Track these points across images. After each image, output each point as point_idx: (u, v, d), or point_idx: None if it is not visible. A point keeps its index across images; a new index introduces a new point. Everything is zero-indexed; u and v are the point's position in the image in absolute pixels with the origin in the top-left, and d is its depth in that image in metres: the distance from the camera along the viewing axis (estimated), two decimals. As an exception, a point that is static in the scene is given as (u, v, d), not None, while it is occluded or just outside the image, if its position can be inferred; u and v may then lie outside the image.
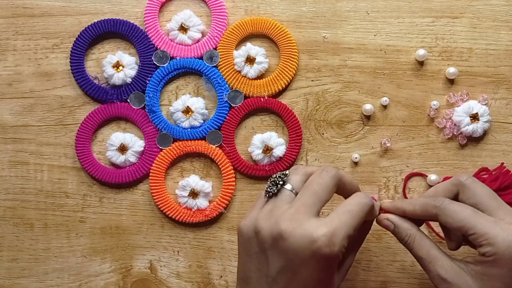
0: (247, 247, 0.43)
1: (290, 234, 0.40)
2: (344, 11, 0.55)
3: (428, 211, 0.44)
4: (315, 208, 0.41)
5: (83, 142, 0.56)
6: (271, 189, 0.44)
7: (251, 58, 0.55)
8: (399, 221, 0.45)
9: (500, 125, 0.55)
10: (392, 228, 0.45)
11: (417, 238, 0.44)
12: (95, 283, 0.57)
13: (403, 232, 0.45)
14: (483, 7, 0.55)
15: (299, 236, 0.40)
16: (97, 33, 0.56)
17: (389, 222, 0.46)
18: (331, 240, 0.39)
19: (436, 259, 0.43)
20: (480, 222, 0.41)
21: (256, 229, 0.42)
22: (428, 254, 0.44)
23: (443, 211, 0.43)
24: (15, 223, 0.57)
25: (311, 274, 0.40)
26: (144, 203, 0.57)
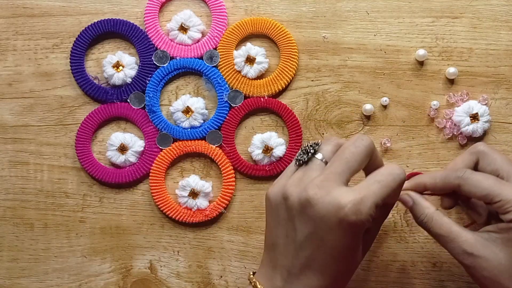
0: (276, 213, 0.43)
1: (317, 201, 0.40)
2: (344, 11, 0.55)
3: (450, 182, 0.44)
4: (344, 176, 0.41)
5: (83, 142, 0.56)
6: (301, 157, 0.43)
7: (251, 58, 0.55)
8: (419, 198, 0.45)
9: (500, 125, 0.55)
10: (411, 204, 0.45)
11: (435, 217, 0.44)
12: (95, 283, 0.57)
13: (420, 210, 0.45)
14: (483, 7, 0.55)
15: (327, 203, 0.39)
16: (97, 33, 0.56)
17: (409, 198, 0.45)
18: (358, 208, 0.39)
19: (459, 235, 0.43)
20: (505, 189, 0.41)
21: (284, 195, 0.42)
22: (450, 231, 0.43)
23: (466, 180, 0.43)
24: (15, 223, 0.57)
25: (338, 241, 0.40)
26: (144, 203, 0.57)
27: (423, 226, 0.45)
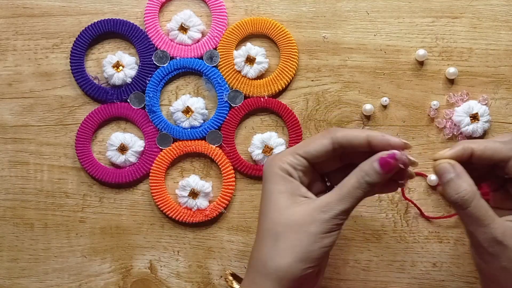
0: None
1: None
2: (344, 11, 0.55)
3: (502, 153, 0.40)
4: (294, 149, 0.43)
5: (83, 142, 0.56)
6: None
7: (251, 58, 0.55)
8: (463, 172, 0.40)
9: (500, 125, 0.55)
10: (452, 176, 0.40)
11: (478, 196, 0.40)
12: (95, 283, 0.57)
13: (463, 185, 0.39)
14: (483, 7, 0.55)
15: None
16: (97, 33, 0.56)
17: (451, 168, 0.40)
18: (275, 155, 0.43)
19: (494, 221, 0.39)
20: None
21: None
22: (487, 214, 0.39)
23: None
24: (15, 223, 0.57)
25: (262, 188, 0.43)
26: (144, 203, 0.57)
27: (458, 203, 0.40)
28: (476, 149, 0.40)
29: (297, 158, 0.42)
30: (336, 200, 0.40)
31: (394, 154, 0.39)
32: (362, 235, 0.55)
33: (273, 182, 0.42)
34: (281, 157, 0.42)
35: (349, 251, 0.55)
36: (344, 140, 0.41)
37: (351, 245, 0.55)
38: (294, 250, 0.40)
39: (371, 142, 0.41)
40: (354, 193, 0.40)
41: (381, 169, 0.40)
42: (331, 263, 0.55)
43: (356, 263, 0.55)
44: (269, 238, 0.41)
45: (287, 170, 0.41)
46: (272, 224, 0.41)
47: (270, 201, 0.41)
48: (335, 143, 0.41)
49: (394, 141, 0.40)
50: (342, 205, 0.40)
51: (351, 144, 0.41)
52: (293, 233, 0.40)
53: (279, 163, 0.42)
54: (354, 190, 0.40)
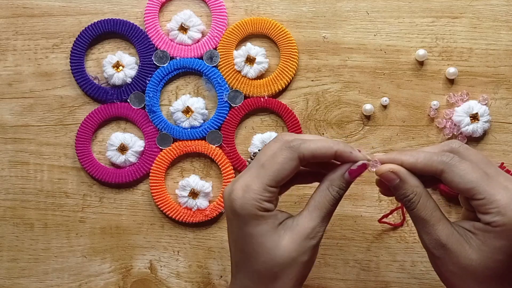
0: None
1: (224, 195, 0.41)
2: (344, 11, 0.55)
3: (433, 166, 0.38)
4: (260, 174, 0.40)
5: (83, 142, 0.56)
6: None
7: (251, 58, 0.55)
8: (407, 175, 0.39)
9: (500, 125, 0.55)
10: (395, 182, 0.40)
11: (424, 196, 0.39)
12: (95, 283, 0.57)
13: (409, 188, 0.39)
14: (483, 7, 0.55)
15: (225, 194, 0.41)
16: (97, 33, 0.56)
17: (394, 176, 0.39)
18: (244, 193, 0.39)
19: (438, 222, 0.39)
20: (492, 187, 0.37)
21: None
22: (432, 215, 0.39)
23: (452, 168, 0.38)
24: (15, 223, 0.57)
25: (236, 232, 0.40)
26: (144, 203, 0.57)
27: (408, 206, 0.40)
28: (406, 163, 0.40)
29: (269, 191, 0.39)
30: (319, 223, 0.40)
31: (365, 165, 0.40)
32: (362, 235, 0.55)
33: (253, 225, 0.39)
34: (253, 195, 0.39)
35: (349, 251, 0.55)
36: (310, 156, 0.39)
37: (351, 245, 0.55)
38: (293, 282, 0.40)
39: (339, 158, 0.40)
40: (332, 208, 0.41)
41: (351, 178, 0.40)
42: (330, 263, 0.55)
43: (356, 263, 0.55)
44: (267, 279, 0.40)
45: (265, 208, 0.39)
46: (267, 267, 0.40)
47: (256, 245, 0.39)
48: (302, 161, 0.39)
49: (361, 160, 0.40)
50: (325, 223, 0.40)
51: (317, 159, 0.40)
52: (290, 268, 0.40)
53: (255, 202, 0.39)
54: (332, 206, 0.40)
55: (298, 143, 0.39)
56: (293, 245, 0.39)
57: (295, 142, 0.39)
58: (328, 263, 0.56)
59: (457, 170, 0.38)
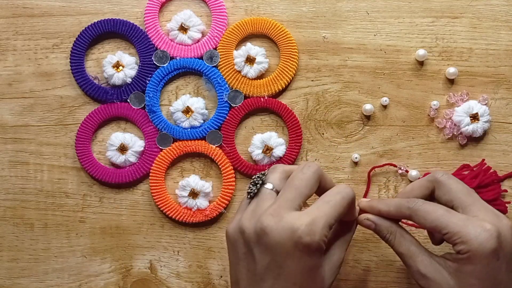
0: (235, 249, 0.43)
1: (272, 228, 0.40)
2: (344, 11, 0.55)
3: (402, 212, 0.45)
4: (297, 202, 0.42)
5: (83, 142, 0.56)
6: (251, 190, 0.44)
7: (251, 58, 0.55)
8: (379, 221, 0.46)
9: (500, 125, 0.55)
10: (373, 227, 0.46)
11: (398, 235, 0.45)
12: (95, 283, 0.57)
13: (384, 230, 0.46)
14: (483, 7, 0.55)
15: (281, 229, 0.40)
16: (97, 33, 0.56)
17: (370, 222, 0.46)
18: (311, 229, 0.40)
19: (415, 255, 0.44)
20: (452, 221, 0.42)
21: (241, 230, 0.42)
22: (408, 250, 0.44)
23: (416, 212, 0.43)
24: (15, 223, 0.57)
25: (296, 266, 0.40)
26: (144, 203, 0.57)
27: (388, 243, 0.46)
28: (382, 211, 0.46)
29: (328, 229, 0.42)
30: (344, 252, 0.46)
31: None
32: (362, 235, 0.55)
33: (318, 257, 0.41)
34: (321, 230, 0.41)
35: (349, 251, 0.55)
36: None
37: (351, 245, 0.55)
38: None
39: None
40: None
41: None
42: (331, 263, 0.55)
43: (356, 263, 0.55)
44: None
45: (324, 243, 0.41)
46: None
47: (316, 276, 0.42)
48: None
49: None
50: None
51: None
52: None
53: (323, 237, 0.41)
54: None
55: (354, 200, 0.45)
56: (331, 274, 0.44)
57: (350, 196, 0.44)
58: (328, 263, 0.56)
59: (421, 213, 0.43)
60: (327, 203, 0.42)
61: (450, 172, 0.55)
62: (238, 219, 0.43)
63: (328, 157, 0.56)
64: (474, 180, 0.53)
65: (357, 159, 0.55)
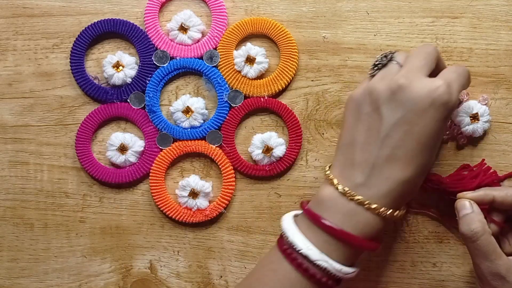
0: (358, 110, 0.44)
1: (409, 84, 0.42)
2: (344, 11, 0.55)
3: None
4: (425, 69, 0.43)
5: (83, 142, 0.56)
6: (381, 61, 0.46)
7: (251, 58, 0.55)
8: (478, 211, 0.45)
9: (500, 125, 0.55)
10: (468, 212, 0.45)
11: (488, 232, 0.44)
12: (95, 283, 0.57)
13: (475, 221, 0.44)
14: (483, 7, 0.55)
15: (419, 85, 0.42)
16: (97, 33, 0.56)
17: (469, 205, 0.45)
18: (450, 88, 0.42)
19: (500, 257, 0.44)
20: None
21: (370, 90, 0.44)
22: (494, 251, 0.44)
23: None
24: (15, 223, 0.57)
25: (428, 124, 0.41)
26: (144, 203, 0.57)
27: (470, 237, 0.44)
28: (497, 197, 0.45)
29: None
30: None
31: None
32: (362, 235, 0.55)
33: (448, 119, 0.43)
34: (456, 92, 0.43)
35: (349, 251, 0.55)
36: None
37: (351, 245, 0.55)
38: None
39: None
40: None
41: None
42: (331, 263, 0.55)
43: (356, 263, 0.55)
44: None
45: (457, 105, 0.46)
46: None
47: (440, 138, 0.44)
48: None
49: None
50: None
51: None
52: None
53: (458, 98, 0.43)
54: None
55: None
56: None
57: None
58: (328, 263, 0.55)
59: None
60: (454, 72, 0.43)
61: (450, 172, 0.54)
62: (365, 85, 0.45)
63: (328, 157, 0.56)
64: (474, 180, 0.53)
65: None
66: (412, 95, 0.41)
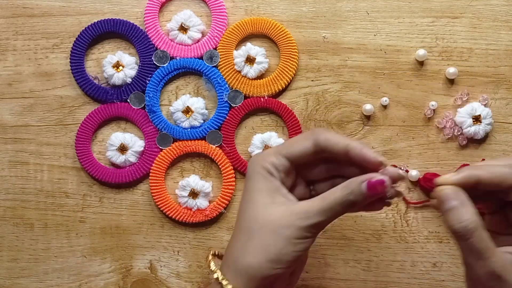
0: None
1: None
2: (344, 11, 0.55)
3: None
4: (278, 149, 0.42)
5: (83, 142, 0.56)
6: None
7: (251, 58, 0.55)
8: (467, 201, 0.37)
9: (500, 125, 0.55)
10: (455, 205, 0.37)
11: (480, 227, 0.37)
12: (95, 283, 0.57)
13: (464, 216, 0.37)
14: (483, 7, 0.55)
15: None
16: (97, 33, 0.56)
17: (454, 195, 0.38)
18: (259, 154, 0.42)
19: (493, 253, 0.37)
20: None
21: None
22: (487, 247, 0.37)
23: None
24: (15, 223, 0.57)
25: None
26: (144, 203, 0.57)
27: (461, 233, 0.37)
28: (482, 177, 0.38)
29: (279, 159, 0.41)
30: (316, 211, 0.39)
31: (383, 181, 0.38)
32: (362, 235, 0.55)
33: (254, 181, 0.41)
34: (264, 156, 0.42)
35: (349, 251, 0.55)
36: (325, 144, 0.40)
37: (351, 245, 0.55)
38: (266, 250, 0.39)
39: (349, 153, 0.40)
40: (335, 208, 0.39)
41: (367, 192, 0.39)
42: (330, 263, 0.55)
43: (356, 263, 0.55)
44: (243, 235, 0.40)
45: (269, 170, 0.41)
46: (248, 221, 0.40)
47: (249, 199, 0.41)
48: (317, 145, 0.41)
49: (369, 158, 0.39)
50: (321, 217, 0.39)
51: (331, 150, 0.40)
52: (267, 233, 0.39)
53: (262, 162, 0.41)
54: (336, 205, 0.39)
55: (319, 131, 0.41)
56: (280, 213, 0.40)
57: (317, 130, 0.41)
58: (328, 263, 0.56)
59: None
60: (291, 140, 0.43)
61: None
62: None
63: (328, 157, 0.56)
64: None
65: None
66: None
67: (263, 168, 0.41)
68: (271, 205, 0.40)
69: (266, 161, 0.41)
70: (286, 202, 0.41)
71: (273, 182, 0.41)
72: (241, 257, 0.40)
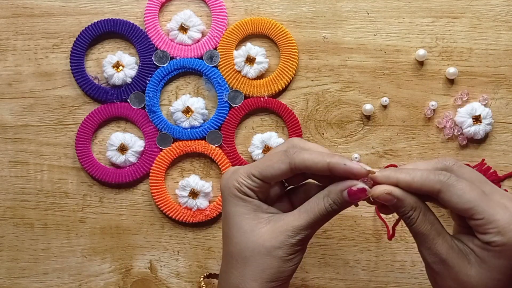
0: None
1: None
2: (344, 11, 0.55)
3: (430, 185, 0.37)
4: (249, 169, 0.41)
5: (83, 142, 0.56)
6: None
7: (251, 58, 0.55)
8: (404, 195, 0.38)
9: (500, 125, 0.55)
10: (393, 202, 0.39)
11: (423, 212, 0.39)
12: (95, 283, 0.57)
13: (407, 206, 0.38)
14: (483, 7, 0.55)
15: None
16: (97, 33, 0.56)
17: (391, 197, 0.38)
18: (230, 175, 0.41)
19: (438, 236, 0.38)
20: (490, 206, 0.36)
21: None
22: (431, 230, 0.38)
23: (449, 187, 0.37)
24: (15, 223, 0.57)
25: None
26: (144, 203, 0.57)
27: (408, 221, 0.39)
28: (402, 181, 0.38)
29: (253, 180, 0.40)
30: (304, 226, 0.40)
31: (365, 189, 0.39)
32: (362, 235, 0.55)
33: (232, 204, 0.41)
34: (237, 177, 0.40)
35: (349, 251, 0.55)
36: (303, 166, 0.39)
37: (351, 245, 0.55)
38: (265, 273, 0.40)
39: (333, 171, 0.39)
40: (321, 218, 0.40)
41: (349, 199, 0.39)
42: (331, 263, 0.55)
43: (356, 263, 0.55)
44: (238, 263, 0.40)
45: (245, 192, 0.40)
46: (239, 249, 0.40)
47: (233, 224, 0.41)
48: (294, 168, 0.39)
49: (357, 171, 0.39)
50: (309, 229, 0.40)
51: (310, 170, 0.40)
52: (262, 257, 0.40)
53: (236, 184, 0.40)
54: (321, 216, 0.40)
55: (293, 151, 0.40)
56: (269, 234, 0.40)
57: (292, 149, 0.40)
58: (328, 263, 0.56)
59: (455, 189, 0.37)
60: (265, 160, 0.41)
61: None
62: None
63: (328, 157, 0.56)
64: None
65: (357, 159, 0.55)
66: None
67: (238, 190, 0.40)
68: (257, 226, 0.40)
69: (240, 184, 0.40)
70: (271, 218, 0.41)
71: (252, 202, 0.41)
72: (242, 284, 0.40)
